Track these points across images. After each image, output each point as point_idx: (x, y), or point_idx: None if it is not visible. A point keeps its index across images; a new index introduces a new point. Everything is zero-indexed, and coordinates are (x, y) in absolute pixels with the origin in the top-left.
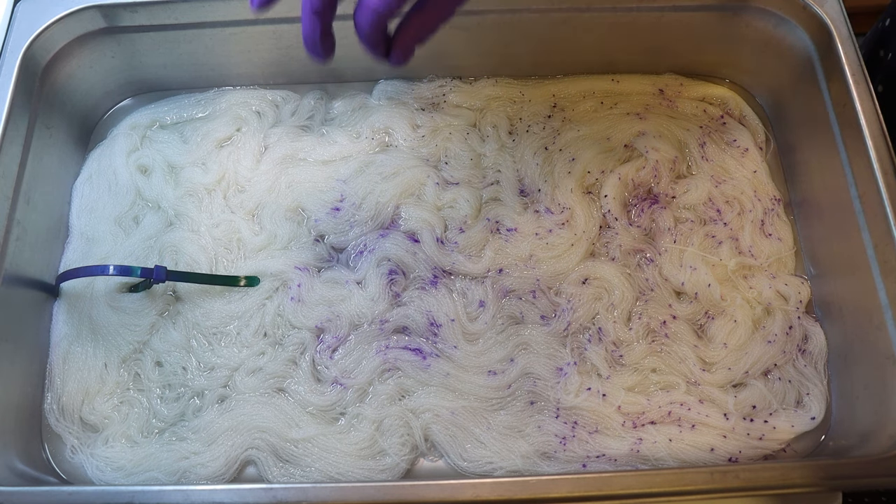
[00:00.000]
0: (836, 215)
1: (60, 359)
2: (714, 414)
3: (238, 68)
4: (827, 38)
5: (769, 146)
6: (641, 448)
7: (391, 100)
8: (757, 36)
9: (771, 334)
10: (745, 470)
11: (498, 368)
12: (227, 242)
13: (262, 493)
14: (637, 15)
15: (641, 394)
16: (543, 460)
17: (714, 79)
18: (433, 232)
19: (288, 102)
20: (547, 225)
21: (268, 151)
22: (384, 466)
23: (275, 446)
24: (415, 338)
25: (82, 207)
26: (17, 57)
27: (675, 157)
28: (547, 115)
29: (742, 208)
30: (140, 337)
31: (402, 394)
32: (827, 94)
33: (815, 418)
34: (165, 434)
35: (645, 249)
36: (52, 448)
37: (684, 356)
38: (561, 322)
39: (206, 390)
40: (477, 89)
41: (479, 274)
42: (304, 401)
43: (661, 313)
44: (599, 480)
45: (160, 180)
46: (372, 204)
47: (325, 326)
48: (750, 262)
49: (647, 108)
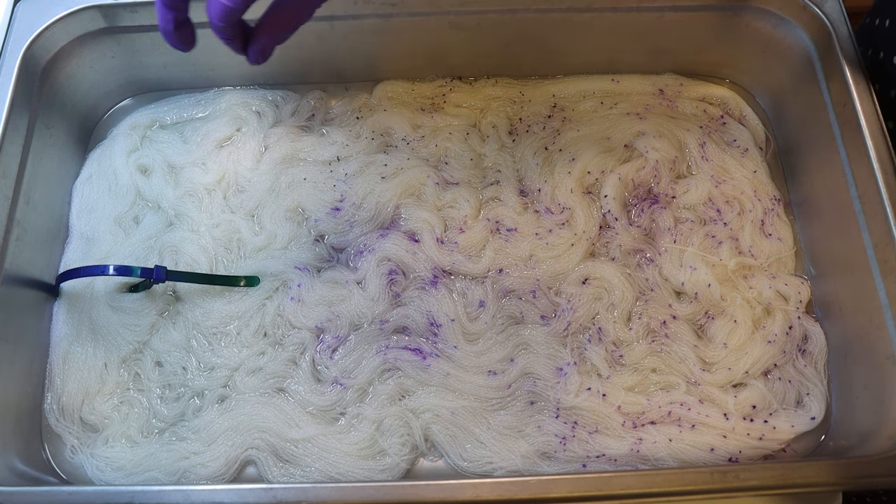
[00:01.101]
0: (836, 215)
1: (60, 359)
2: (714, 414)
3: (238, 68)
4: (827, 38)
5: (769, 146)
6: (641, 448)
7: (391, 100)
8: (757, 36)
9: (771, 334)
10: (745, 470)
11: (498, 368)
12: (227, 242)
13: (262, 493)
14: (637, 15)
15: (641, 394)
16: (543, 460)
17: (714, 79)
18: (433, 232)
19: (288, 102)
20: (547, 225)
21: (268, 151)
22: (384, 466)
23: (275, 446)
24: (415, 338)
25: (82, 207)
26: (17, 57)
27: (675, 157)
28: (547, 115)
29: (742, 208)
30: (140, 337)
31: (402, 394)
32: (827, 94)
33: (815, 418)
34: (165, 434)
35: (645, 249)
36: (52, 448)
37: (684, 356)
38: (561, 322)
39: (206, 390)
40: (477, 89)
41: (479, 274)
42: (304, 401)
43: (661, 313)
44: (599, 480)
45: (160, 180)
46: (372, 204)
47: (325, 326)
48: (750, 262)
49: (647, 108)
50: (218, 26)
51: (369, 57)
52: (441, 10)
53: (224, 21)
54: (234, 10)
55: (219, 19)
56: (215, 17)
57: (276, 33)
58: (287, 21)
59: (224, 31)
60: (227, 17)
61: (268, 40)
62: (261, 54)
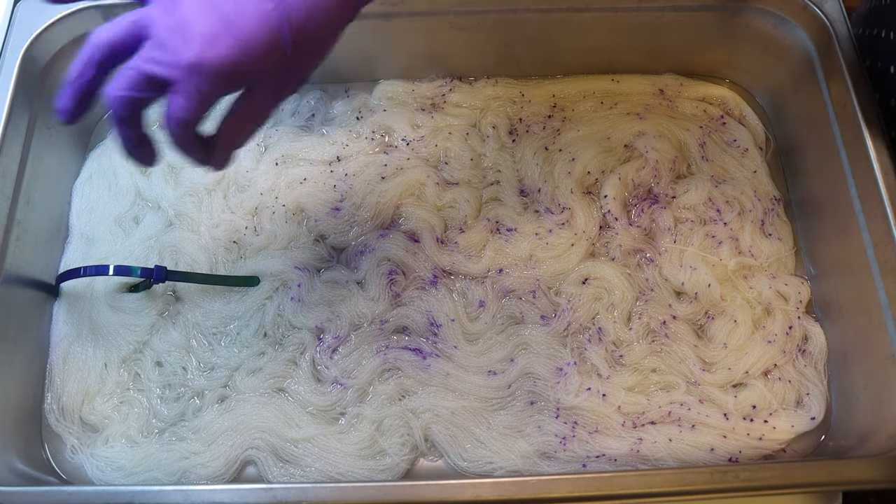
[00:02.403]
0: (836, 215)
1: (60, 359)
2: (714, 414)
3: None
4: (827, 38)
5: (769, 146)
6: (641, 448)
7: (391, 100)
8: (757, 36)
9: (771, 334)
10: (745, 470)
11: (498, 368)
12: (227, 242)
13: (262, 493)
14: (637, 15)
15: (641, 394)
16: (543, 460)
17: (714, 79)
18: (433, 232)
19: (288, 102)
20: (547, 225)
21: (268, 151)
22: (384, 466)
23: (275, 446)
24: (415, 338)
25: (82, 207)
26: (17, 57)
27: (675, 157)
28: (547, 115)
29: (742, 208)
30: (140, 337)
31: (402, 394)
32: (827, 94)
33: (815, 418)
34: (165, 434)
35: (645, 249)
36: (52, 448)
37: (684, 356)
38: (561, 322)
39: (206, 390)
40: (477, 89)
41: (479, 274)
42: (304, 401)
43: (661, 313)
44: (599, 480)
45: (160, 180)
46: (372, 204)
47: (325, 326)
48: (750, 262)
49: (647, 108)
50: (176, 140)
51: (369, 57)
52: (441, 10)
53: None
54: (186, 122)
55: (175, 134)
56: (172, 134)
57: (239, 140)
58: (248, 127)
59: (181, 142)
60: (184, 129)
61: (230, 147)
62: (224, 162)
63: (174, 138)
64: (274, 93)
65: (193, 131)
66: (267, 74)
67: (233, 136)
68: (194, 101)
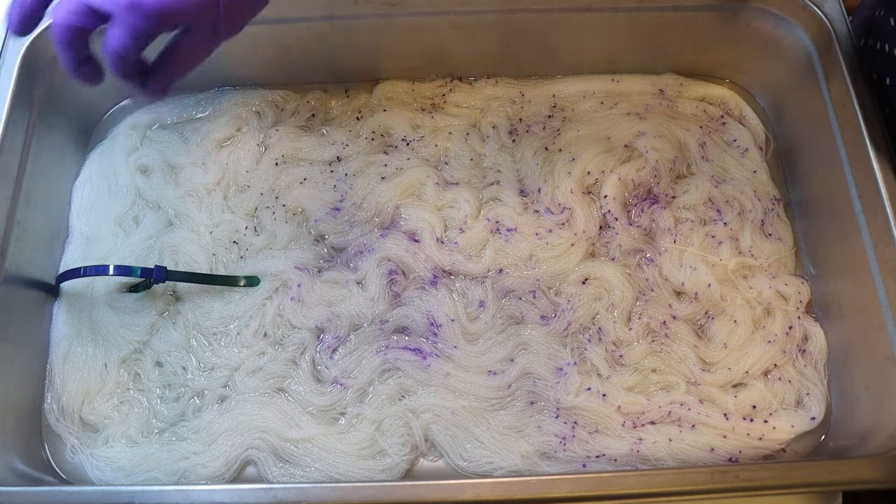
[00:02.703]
0: (836, 215)
1: (60, 359)
2: (714, 414)
3: (238, 68)
4: (827, 38)
5: (769, 146)
6: (641, 448)
7: (391, 100)
8: (757, 36)
9: (771, 334)
10: (745, 470)
11: (498, 368)
12: (227, 242)
13: (262, 493)
14: (637, 15)
15: (641, 394)
16: (543, 460)
17: (714, 79)
18: (433, 232)
19: (288, 102)
20: (547, 225)
21: (268, 151)
22: (384, 466)
23: (275, 446)
24: (415, 338)
25: (82, 207)
26: (17, 57)
27: (675, 157)
28: (547, 115)
29: (742, 208)
30: (140, 337)
31: (402, 394)
32: (827, 93)
33: (815, 418)
34: (165, 434)
35: (645, 249)
36: (52, 448)
37: (684, 356)
38: (561, 322)
39: (206, 390)
40: (477, 89)
41: (479, 274)
42: (304, 401)
43: (661, 313)
44: (599, 480)
45: (160, 180)
46: (372, 204)
47: (325, 326)
48: (750, 262)
49: (647, 108)
50: (114, 66)
51: (369, 57)
52: (441, 10)
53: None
54: (123, 56)
55: (113, 62)
56: (110, 61)
57: (177, 73)
58: (186, 63)
59: (119, 69)
60: (123, 57)
61: (168, 79)
62: (161, 90)
63: (111, 66)
64: (209, 36)
65: (131, 61)
66: (201, 19)
67: (168, 70)
68: (130, 35)
